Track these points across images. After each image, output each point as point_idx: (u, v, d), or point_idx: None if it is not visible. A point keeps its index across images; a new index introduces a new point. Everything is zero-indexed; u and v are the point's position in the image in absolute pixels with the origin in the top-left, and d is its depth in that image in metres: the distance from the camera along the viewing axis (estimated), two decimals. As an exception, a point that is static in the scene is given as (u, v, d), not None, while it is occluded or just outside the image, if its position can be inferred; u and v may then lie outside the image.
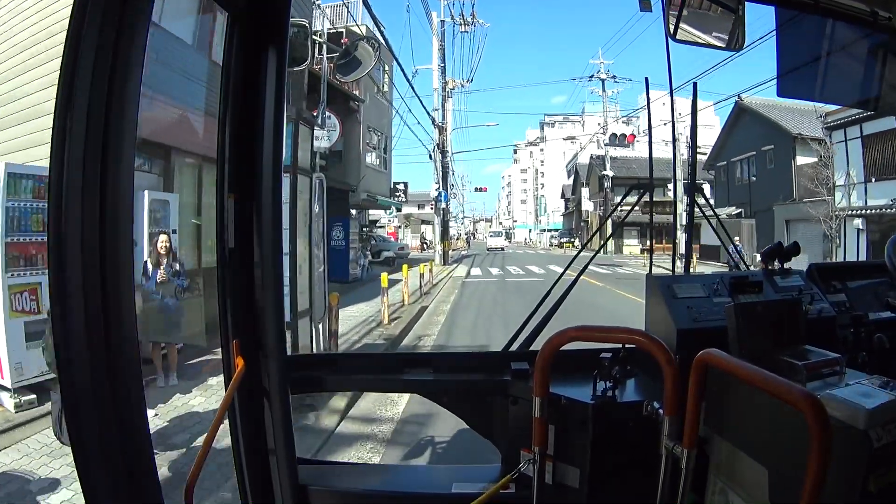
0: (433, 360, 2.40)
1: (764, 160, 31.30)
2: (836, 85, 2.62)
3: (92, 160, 1.26)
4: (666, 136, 19.74)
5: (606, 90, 42.68)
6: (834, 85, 2.61)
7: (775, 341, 1.81)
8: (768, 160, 30.86)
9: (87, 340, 1.27)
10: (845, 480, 1.35)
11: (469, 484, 2.15)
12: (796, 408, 1.24)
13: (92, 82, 1.25)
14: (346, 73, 2.94)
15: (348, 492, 2.25)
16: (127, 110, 1.32)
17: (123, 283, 1.34)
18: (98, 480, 1.31)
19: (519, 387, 2.14)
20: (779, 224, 27.99)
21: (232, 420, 1.98)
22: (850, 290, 2.48)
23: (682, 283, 2.24)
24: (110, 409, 1.31)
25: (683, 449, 1.59)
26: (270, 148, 1.86)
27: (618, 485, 1.93)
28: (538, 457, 1.81)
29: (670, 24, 2.20)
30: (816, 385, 1.57)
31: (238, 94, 1.88)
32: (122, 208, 1.32)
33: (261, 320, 1.92)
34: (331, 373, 2.38)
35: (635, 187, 3.31)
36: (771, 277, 2.35)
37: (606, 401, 1.93)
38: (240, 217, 1.89)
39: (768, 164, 30.86)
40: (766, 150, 30.76)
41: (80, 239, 1.25)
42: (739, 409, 1.70)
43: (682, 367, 1.63)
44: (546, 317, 2.50)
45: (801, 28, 2.46)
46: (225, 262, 1.90)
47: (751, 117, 32.13)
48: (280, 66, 1.87)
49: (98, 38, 1.25)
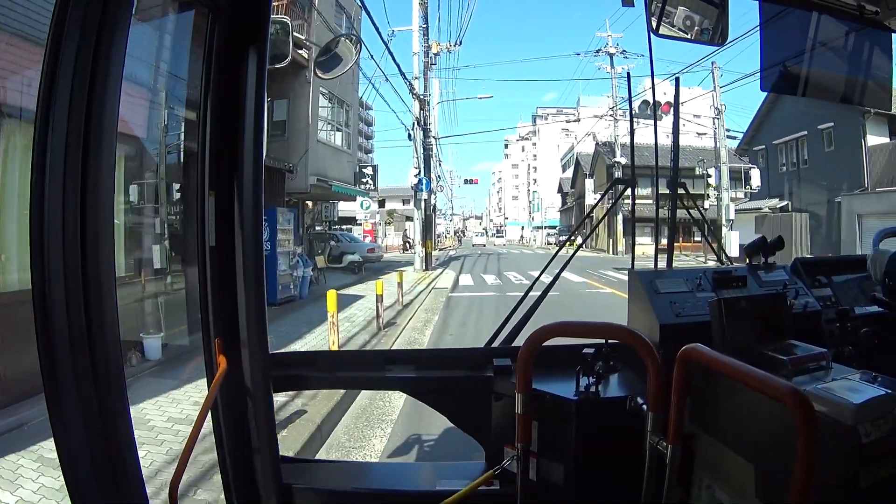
0: (416, 356, 2.40)
1: (820, 141, 25.90)
2: (822, 79, 2.62)
3: (73, 155, 1.26)
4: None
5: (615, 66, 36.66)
6: (819, 79, 2.61)
7: (760, 336, 1.81)
8: (826, 141, 25.49)
9: (69, 338, 1.27)
10: (833, 476, 1.34)
11: (453, 481, 2.15)
12: (782, 403, 1.23)
13: (73, 77, 1.26)
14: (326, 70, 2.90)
15: (332, 490, 2.25)
16: (108, 105, 1.32)
17: (105, 278, 1.34)
18: (82, 479, 1.31)
19: (502, 383, 2.14)
20: (847, 219, 23.02)
21: (215, 419, 1.97)
22: (835, 284, 2.48)
23: (664, 277, 2.24)
24: (94, 407, 1.31)
25: (668, 445, 1.59)
26: (251, 144, 1.85)
27: (602, 481, 1.93)
28: (522, 453, 1.80)
29: (653, 20, 2.20)
30: (802, 380, 1.57)
31: (218, 91, 1.86)
32: (103, 203, 1.32)
33: (242, 318, 1.91)
34: (313, 371, 2.37)
35: (617, 182, 3.32)
36: (755, 272, 2.35)
37: (590, 397, 1.92)
38: (220, 214, 1.87)
39: (826, 145, 25.55)
40: (824, 129, 25.25)
41: (61, 234, 1.26)
42: (725, 404, 1.69)
43: (666, 363, 1.62)
44: (528, 312, 2.50)
45: (787, 22, 2.45)
46: (206, 260, 1.88)
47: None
48: (261, 63, 1.86)
49: (80, 31, 1.26)
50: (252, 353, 1.92)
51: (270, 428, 2.01)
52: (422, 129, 25.64)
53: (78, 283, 1.28)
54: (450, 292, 17.17)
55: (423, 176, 25.14)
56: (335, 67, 3.01)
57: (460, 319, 12.11)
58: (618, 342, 2.08)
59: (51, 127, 1.24)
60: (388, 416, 6.02)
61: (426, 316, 12.62)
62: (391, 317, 11.52)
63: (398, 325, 10.96)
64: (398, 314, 12.17)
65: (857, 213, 22.37)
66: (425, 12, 25.24)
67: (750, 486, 1.57)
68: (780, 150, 29.15)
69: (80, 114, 1.26)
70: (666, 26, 2.21)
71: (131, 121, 8.10)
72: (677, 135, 3.11)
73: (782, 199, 28.57)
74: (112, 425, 1.35)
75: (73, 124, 1.25)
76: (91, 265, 1.30)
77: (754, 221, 27.13)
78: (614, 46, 36.11)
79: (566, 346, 2.21)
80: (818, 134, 25.73)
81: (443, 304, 14.57)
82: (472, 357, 2.39)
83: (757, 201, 29.91)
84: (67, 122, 1.25)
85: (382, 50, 18.14)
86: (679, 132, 3.26)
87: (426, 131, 26.35)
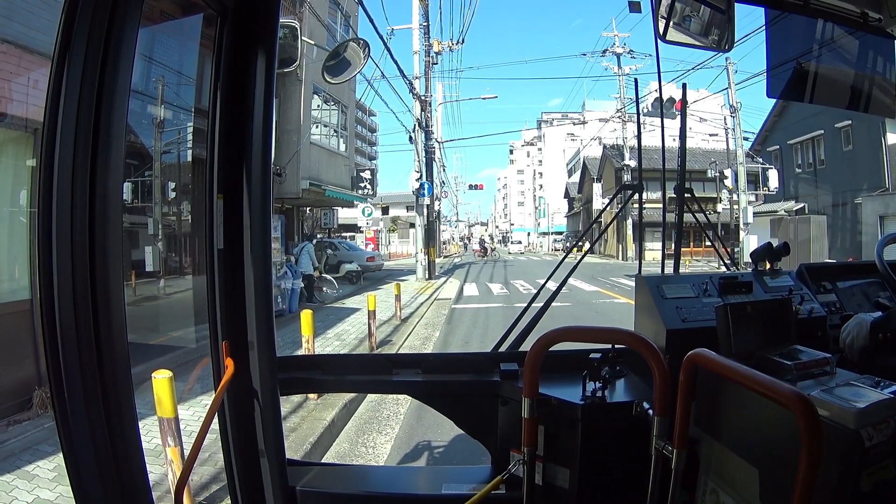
0: (422, 361, 2.40)
1: (838, 140, 24.74)
2: (828, 86, 2.62)
3: (82, 158, 1.26)
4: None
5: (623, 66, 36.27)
6: (825, 86, 2.61)
7: (765, 341, 1.82)
8: (844, 140, 24.31)
9: (76, 341, 1.27)
10: (837, 480, 1.35)
11: (459, 485, 2.15)
12: (786, 407, 1.24)
13: (82, 80, 1.25)
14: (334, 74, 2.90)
15: (338, 493, 2.25)
16: (116, 108, 1.32)
17: (113, 280, 1.34)
18: (88, 483, 1.31)
19: (508, 388, 2.14)
20: (869, 221, 21.78)
21: (222, 421, 1.98)
22: (840, 290, 2.49)
23: (671, 283, 2.24)
24: (101, 411, 1.31)
25: (673, 449, 1.59)
26: (260, 148, 1.86)
27: (608, 485, 1.93)
28: (528, 458, 1.81)
29: (660, 26, 2.20)
30: (807, 385, 1.57)
31: (227, 95, 1.87)
32: (111, 206, 1.32)
33: (250, 321, 1.92)
34: (320, 374, 2.38)
35: (625, 187, 3.32)
36: (760, 277, 2.35)
37: (596, 401, 1.93)
38: (229, 218, 1.88)
39: (844, 145, 24.34)
40: (842, 128, 24.13)
41: (69, 239, 1.26)
42: (730, 409, 1.70)
43: (672, 368, 1.63)
44: (535, 317, 2.50)
45: (791, 29, 2.46)
46: (214, 263, 1.89)
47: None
48: (269, 67, 1.87)
49: (87, 36, 1.26)
50: (259, 356, 1.93)
51: (277, 430, 2.02)
52: (423, 131, 23.95)
53: (86, 289, 1.28)
54: (453, 304, 15.96)
55: (424, 180, 23.59)
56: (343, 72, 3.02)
57: (463, 336, 11.19)
58: (624, 347, 2.08)
59: (59, 132, 1.24)
60: (393, 420, 6.01)
61: (426, 332, 11.63)
62: (387, 333, 10.73)
63: (394, 344, 10.05)
64: (395, 330, 11.22)
65: (878, 215, 21.39)
66: (426, 10, 23.99)
67: (754, 490, 1.58)
68: (796, 151, 28.23)
69: (89, 118, 1.27)
70: (673, 31, 2.22)
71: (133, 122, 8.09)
72: (684, 139, 3.11)
73: (798, 201, 27.66)
74: (119, 429, 1.35)
75: (81, 128, 1.26)
76: (100, 270, 1.30)
77: (770, 225, 26.54)
78: (621, 46, 35.76)
79: (573, 352, 2.22)
80: (836, 132, 24.70)
81: (445, 319, 13.41)
82: (478, 361, 2.39)
83: (772, 204, 29.24)
84: (76, 126, 1.25)
85: (381, 50, 16.61)
86: (686, 136, 3.26)
87: (428, 133, 24.78)
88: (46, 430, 5.13)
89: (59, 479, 4.09)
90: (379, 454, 5.20)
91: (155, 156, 9.52)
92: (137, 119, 8.65)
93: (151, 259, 9.06)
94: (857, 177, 22.93)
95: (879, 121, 20.67)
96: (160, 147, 9.59)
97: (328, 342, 9.83)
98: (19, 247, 6.44)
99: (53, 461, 4.40)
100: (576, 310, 13.62)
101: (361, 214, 25.95)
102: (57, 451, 3.31)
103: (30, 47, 6.30)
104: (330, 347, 9.46)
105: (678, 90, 21.83)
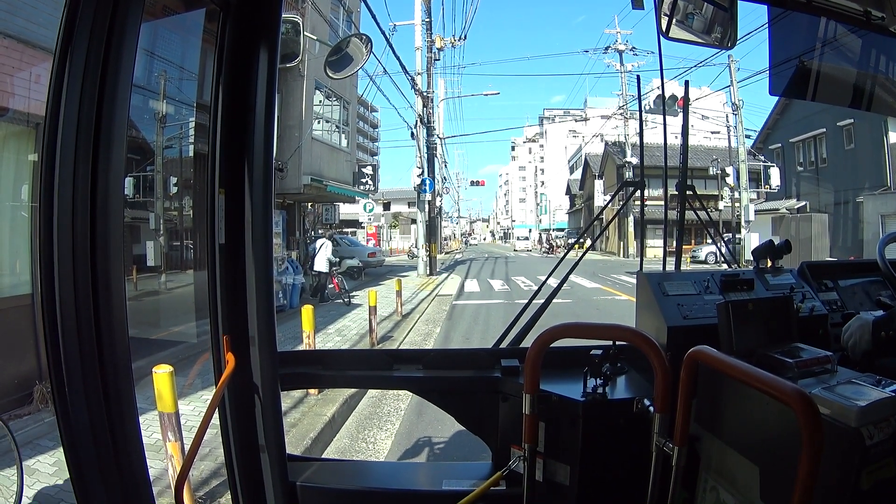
0: (423, 356, 2.40)
1: (840, 139, 24.88)
2: (830, 84, 2.62)
3: (83, 153, 1.26)
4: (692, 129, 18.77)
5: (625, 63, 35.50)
6: (828, 84, 2.60)
7: (766, 339, 1.82)
8: (846, 139, 24.53)
9: (77, 336, 1.27)
10: (837, 478, 1.35)
11: (459, 481, 2.15)
12: (787, 405, 1.23)
13: (84, 75, 1.25)
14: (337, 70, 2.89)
15: (338, 489, 2.26)
16: (118, 103, 1.32)
17: (114, 275, 1.34)
18: (89, 476, 1.31)
19: (509, 384, 2.15)
20: (871, 219, 22.04)
21: (222, 416, 1.98)
22: (841, 288, 2.49)
23: (672, 280, 2.24)
24: (101, 406, 1.31)
25: (674, 446, 1.59)
26: (262, 143, 1.86)
27: (608, 482, 1.94)
28: (528, 454, 1.81)
29: (662, 23, 2.20)
30: (808, 382, 1.58)
31: (229, 90, 1.87)
32: (113, 200, 1.32)
33: (251, 316, 1.92)
34: (321, 369, 2.38)
35: (626, 184, 3.32)
36: (762, 275, 2.35)
37: (597, 398, 1.93)
38: (230, 213, 1.88)
39: (846, 143, 24.53)
40: (845, 126, 24.28)
41: (70, 235, 1.26)
42: (731, 406, 1.70)
43: (673, 365, 1.63)
44: (537, 314, 2.50)
45: (794, 27, 2.46)
46: (215, 258, 1.89)
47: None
48: (271, 62, 1.87)
49: (90, 31, 1.25)
50: (260, 351, 1.93)
51: (278, 426, 2.02)
52: (425, 126, 23.76)
53: (87, 284, 1.28)
54: (454, 300, 15.93)
55: (426, 176, 23.45)
56: (346, 67, 3.02)
57: (464, 332, 11.20)
58: (625, 344, 2.08)
59: (60, 127, 1.24)
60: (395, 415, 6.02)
61: (427, 328, 11.65)
62: (388, 330, 10.71)
63: (395, 339, 10.05)
64: (396, 326, 11.20)
65: (880, 214, 21.57)
66: (428, 6, 23.68)
67: (755, 488, 1.58)
68: (798, 149, 28.26)
69: (91, 112, 1.27)
70: (675, 29, 2.22)
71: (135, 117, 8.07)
72: (686, 137, 3.11)
73: (800, 199, 27.78)
74: (120, 424, 1.35)
75: (83, 123, 1.26)
76: (101, 266, 1.30)
77: (771, 223, 26.52)
78: (624, 43, 35.28)
79: (574, 348, 2.22)
80: (838, 131, 24.80)
81: (446, 315, 13.40)
82: (479, 357, 2.39)
83: (774, 202, 29.23)
84: (77, 121, 1.25)
85: (384, 45, 16.40)
86: (688, 134, 3.25)
87: (430, 129, 24.65)
88: (47, 425, 5.12)
89: (59, 473, 4.10)
90: (379, 450, 5.21)
91: (157, 151, 9.51)
92: (139, 114, 8.66)
93: (153, 254, 9.07)
94: (859, 175, 23.09)
95: (882, 119, 20.87)
96: (162, 142, 9.56)
97: (329, 338, 9.88)
98: (21, 241, 6.45)
99: (54, 455, 4.41)
100: (577, 306, 13.64)
101: (363, 210, 26.57)
102: (57, 445, 3.33)
103: (32, 42, 6.31)
104: (331, 343, 9.53)
105: (680, 87, 21.71)
